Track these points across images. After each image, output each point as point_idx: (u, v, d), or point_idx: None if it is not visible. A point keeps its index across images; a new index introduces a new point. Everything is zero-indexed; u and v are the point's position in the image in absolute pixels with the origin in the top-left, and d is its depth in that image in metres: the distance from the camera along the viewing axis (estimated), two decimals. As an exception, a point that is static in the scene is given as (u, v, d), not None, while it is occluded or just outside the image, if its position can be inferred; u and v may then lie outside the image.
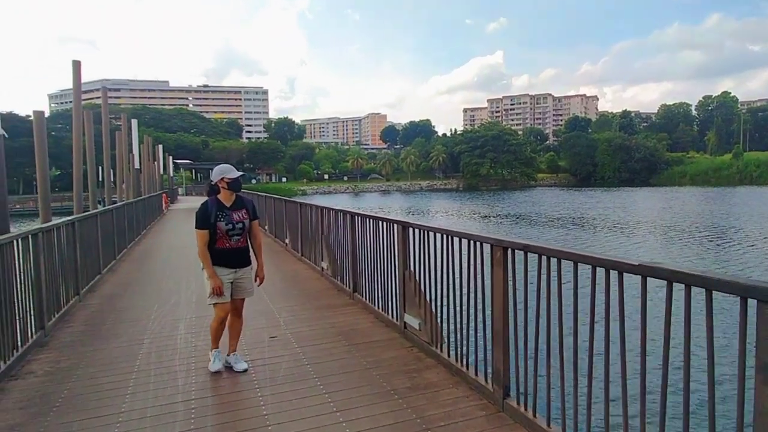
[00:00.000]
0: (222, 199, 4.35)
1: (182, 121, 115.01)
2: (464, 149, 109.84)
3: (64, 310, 6.39)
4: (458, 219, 42.45)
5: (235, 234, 4.28)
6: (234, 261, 4.34)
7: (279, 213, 12.62)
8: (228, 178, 4.33)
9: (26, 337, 5.13)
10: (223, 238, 4.26)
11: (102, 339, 5.46)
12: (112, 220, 10.25)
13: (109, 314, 6.47)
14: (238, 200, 4.40)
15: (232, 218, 4.29)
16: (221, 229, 4.24)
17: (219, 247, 4.27)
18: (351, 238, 6.77)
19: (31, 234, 5.47)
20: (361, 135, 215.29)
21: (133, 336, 5.51)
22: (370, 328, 5.54)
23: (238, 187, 4.41)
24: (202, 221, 4.24)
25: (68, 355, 5.02)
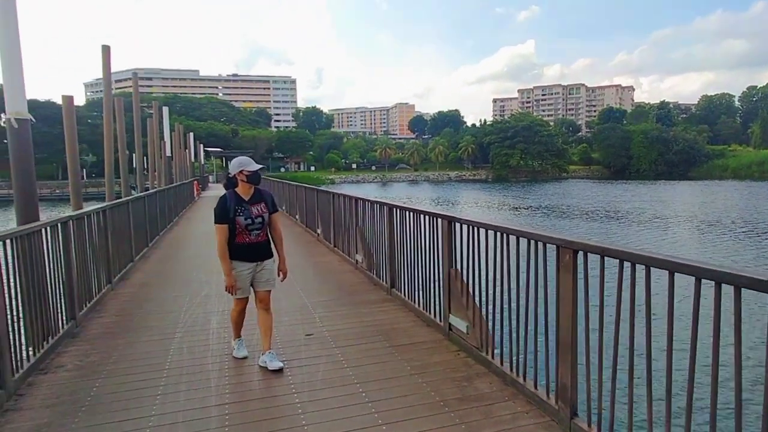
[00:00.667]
0: (240, 192, 4.23)
1: (212, 109, 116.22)
2: (494, 140, 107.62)
3: (96, 299, 6.24)
4: (488, 210, 41.73)
5: (254, 229, 4.18)
6: (254, 255, 4.24)
7: (310, 203, 12.37)
8: (247, 171, 4.20)
9: (57, 328, 4.97)
10: (242, 233, 4.16)
11: (133, 331, 5.27)
12: (144, 207, 10.14)
13: (141, 304, 6.29)
14: (256, 193, 4.29)
15: (251, 212, 4.18)
16: (240, 224, 4.13)
17: (239, 242, 4.18)
18: (389, 231, 6.43)
19: (61, 222, 5.30)
20: (389, 125, 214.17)
21: (164, 329, 5.30)
22: (412, 328, 5.20)
23: (257, 180, 4.27)
24: (221, 216, 4.13)
25: (99, 347, 4.83)
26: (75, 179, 7.59)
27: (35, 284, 4.59)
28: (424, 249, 5.36)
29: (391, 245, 6.38)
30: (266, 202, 4.30)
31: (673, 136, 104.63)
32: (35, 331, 4.61)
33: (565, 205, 44.74)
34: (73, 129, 7.29)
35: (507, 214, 38.42)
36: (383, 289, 6.59)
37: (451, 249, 4.77)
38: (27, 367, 4.20)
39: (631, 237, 25.43)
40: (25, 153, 5.58)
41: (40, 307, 4.67)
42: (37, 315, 4.60)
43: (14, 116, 5.43)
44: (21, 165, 5.55)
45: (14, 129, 5.44)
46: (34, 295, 4.61)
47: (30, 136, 5.57)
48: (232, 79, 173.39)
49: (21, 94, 5.55)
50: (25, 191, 5.55)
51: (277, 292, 6.64)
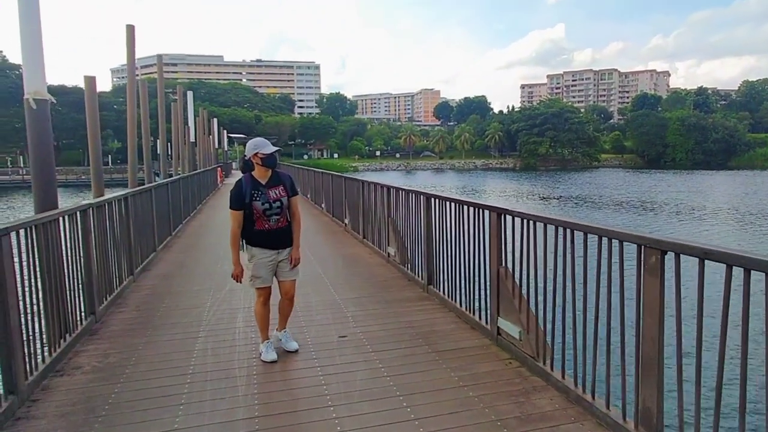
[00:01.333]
0: (257, 175, 4.03)
1: (236, 95, 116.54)
2: (522, 127, 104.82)
3: (117, 292, 5.94)
4: (516, 200, 40.85)
5: (273, 214, 3.99)
6: (275, 242, 4.05)
7: (337, 191, 11.96)
8: (262, 154, 3.98)
9: (75, 324, 4.67)
10: (260, 218, 3.97)
11: (155, 328, 4.93)
12: (167, 194, 9.86)
13: (163, 298, 5.97)
14: (274, 176, 4.07)
15: (268, 196, 3.97)
16: (257, 210, 3.94)
17: (258, 228, 4.00)
18: (426, 222, 5.98)
19: (80, 210, 4.97)
20: (414, 111, 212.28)
21: (187, 327, 4.96)
22: (454, 330, 4.75)
23: (274, 163, 4.05)
24: (236, 201, 3.97)
25: (118, 346, 4.51)
26: (96, 164, 7.24)
27: (53, 277, 4.28)
28: (468, 244, 4.89)
29: (429, 238, 5.93)
30: (285, 185, 4.07)
31: (712, 123, 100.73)
32: (52, 328, 4.32)
33: (597, 195, 43.38)
34: (95, 111, 6.95)
35: (536, 204, 37.49)
36: (419, 286, 6.15)
37: (501, 245, 4.30)
38: (42, 368, 3.89)
39: (671, 230, 24.47)
40: (43, 136, 5.25)
41: (58, 301, 4.36)
42: (54, 310, 4.30)
43: (33, 96, 5.08)
44: (39, 149, 5.22)
45: (33, 110, 5.10)
46: (52, 289, 4.30)
47: (49, 118, 5.24)
48: (256, 65, 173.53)
49: (41, 73, 5.19)
50: (43, 177, 5.23)
51: (306, 287, 6.30)
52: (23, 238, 3.84)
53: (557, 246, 3.50)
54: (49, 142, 5.21)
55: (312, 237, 10.32)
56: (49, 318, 4.29)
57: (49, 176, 5.23)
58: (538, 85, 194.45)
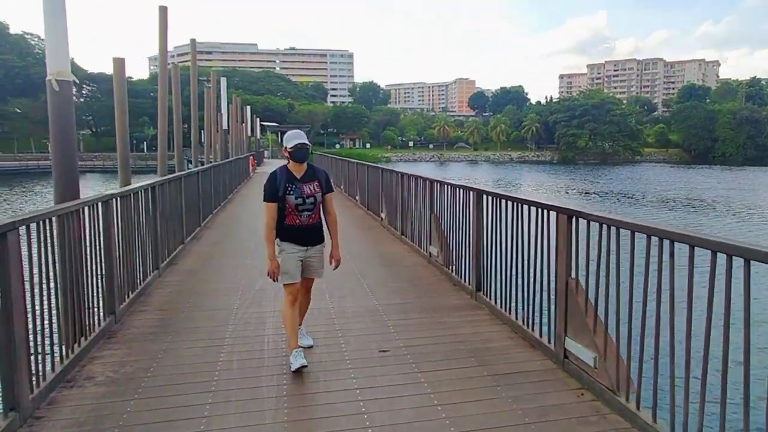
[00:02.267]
0: (292, 169, 3.89)
1: (269, 83, 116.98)
2: (560, 119, 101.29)
3: (140, 288, 5.55)
4: (552, 195, 39.58)
5: (305, 209, 3.85)
6: (305, 239, 3.91)
7: (373, 183, 11.41)
8: (289, 148, 3.86)
9: (93, 324, 4.27)
10: (292, 213, 3.84)
11: (177, 333, 4.50)
12: (197, 183, 9.48)
13: (188, 297, 5.55)
14: (309, 171, 3.94)
15: (302, 191, 3.83)
16: (290, 204, 3.81)
17: (288, 223, 3.87)
18: (476, 222, 5.38)
19: (101, 201, 4.57)
20: (448, 101, 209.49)
21: (212, 333, 4.51)
22: (510, 348, 4.15)
23: (301, 158, 3.88)
24: (270, 194, 3.84)
25: (136, 352, 4.09)
26: (123, 151, 6.79)
27: (70, 274, 3.89)
28: (526, 248, 4.30)
29: (479, 239, 5.33)
30: (320, 181, 3.94)
31: (766, 116, 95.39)
32: (67, 330, 3.94)
33: (640, 191, 41.46)
34: (124, 94, 6.54)
35: (575, 199, 36.18)
36: (466, 292, 5.56)
37: (570, 253, 3.69)
38: (51, 378, 3.49)
39: (724, 231, 23.10)
40: (66, 119, 4.84)
41: (75, 302, 3.98)
42: (70, 311, 3.92)
43: (56, 77, 4.67)
44: (61, 134, 4.82)
45: (55, 92, 4.70)
46: (68, 288, 3.89)
47: (72, 101, 4.85)
48: (289, 53, 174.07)
49: (64, 52, 4.78)
50: (64, 164, 4.82)
51: (342, 289, 5.79)
52: (41, 232, 3.45)
53: (649, 256, 2.88)
54: (71, 126, 4.81)
55: (346, 231, 9.80)
56: (64, 319, 3.92)
57: (70, 163, 4.83)
58: (577, 75, 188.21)
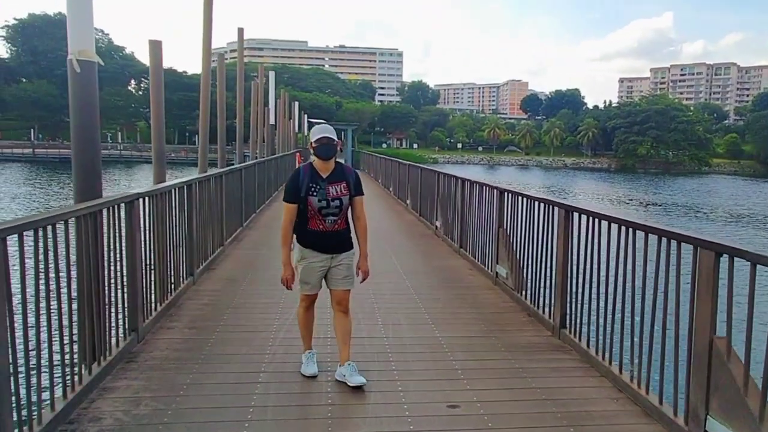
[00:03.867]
0: (317, 167, 3.47)
1: (318, 80, 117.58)
2: (620, 124, 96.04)
3: (171, 299, 4.91)
4: (612, 205, 37.47)
5: (330, 214, 3.42)
6: (330, 246, 3.49)
7: (427, 187, 10.55)
8: (313, 142, 3.42)
9: (109, 347, 3.64)
10: (315, 217, 3.42)
11: (206, 361, 3.80)
12: (240, 181, 8.86)
13: (223, 312, 4.87)
14: (338, 170, 3.51)
15: (327, 192, 3.41)
16: (313, 206, 3.40)
17: (311, 228, 3.45)
18: (562, 244, 4.46)
19: (125, 202, 3.94)
20: (499, 103, 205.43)
21: (246, 363, 3.79)
22: (619, 415, 3.19)
23: (326, 154, 3.43)
24: (291, 193, 3.44)
25: (156, 386, 3.41)
26: (158, 143, 6.04)
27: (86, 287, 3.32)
28: (641, 285, 3.37)
29: (565, 265, 4.41)
30: (348, 182, 3.50)
31: None
32: (79, 355, 3.32)
33: (708, 204, 38.52)
34: (159, 79, 5.92)
35: (636, 211, 34.04)
36: (546, 327, 4.63)
37: (716, 302, 2.75)
38: (49, 419, 2.83)
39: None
40: (88, 106, 4.17)
41: (90, 321, 3.36)
42: (84, 333, 3.32)
43: (77, 57, 4.03)
44: (82, 121, 4.15)
45: (77, 74, 4.05)
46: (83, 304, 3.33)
47: (96, 84, 4.20)
48: (339, 51, 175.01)
49: (88, 30, 4.14)
50: (85, 157, 4.15)
51: (396, 313, 4.96)
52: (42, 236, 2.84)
53: None
54: (94, 113, 4.16)
55: (397, 239, 9.02)
56: (79, 342, 3.30)
57: (92, 157, 4.18)
58: (639, 79, 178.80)
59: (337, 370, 3.53)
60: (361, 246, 3.62)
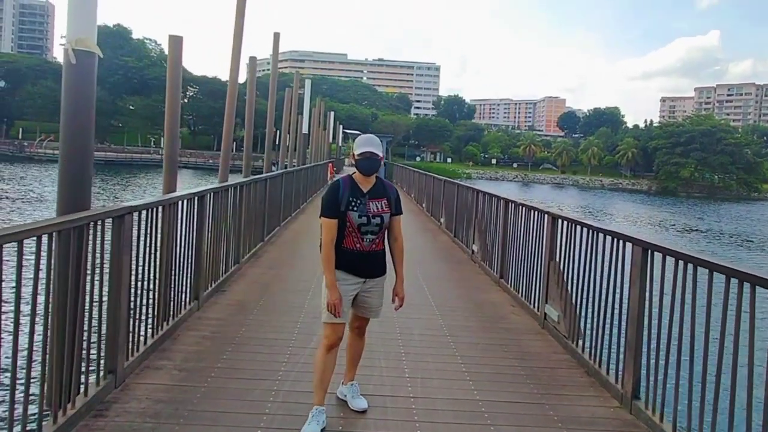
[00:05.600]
0: (358, 180, 3.20)
1: (355, 93, 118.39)
2: (662, 145, 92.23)
3: (166, 330, 4.26)
4: (648, 227, 35.82)
5: (369, 232, 3.13)
6: (365, 268, 3.18)
7: (464, 206, 9.73)
8: (357, 155, 3.14)
9: (77, 393, 2.98)
10: (353, 234, 3.13)
11: (187, 423, 3.08)
12: (264, 192, 8.19)
13: (223, 350, 4.16)
14: (378, 185, 3.24)
15: (367, 209, 3.14)
16: (352, 222, 3.11)
17: (347, 247, 3.15)
18: (638, 290, 3.61)
19: (114, 216, 3.34)
20: (535, 119, 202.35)
21: (237, 424, 3.06)
22: None
23: (368, 169, 3.16)
24: (330, 207, 3.12)
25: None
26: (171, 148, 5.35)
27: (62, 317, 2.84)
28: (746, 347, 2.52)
29: (639, 315, 3.56)
30: (389, 199, 3.24)
31: None
32: (39, 398, 2.75)
33: (757, 233, 36.39)
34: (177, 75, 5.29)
35: (679, 238, 32.20)
36: (613, 395, 3.71)
37: None
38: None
39: None
40: (83, 103, 3.55)
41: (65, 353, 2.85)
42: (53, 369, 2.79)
43: (74, 46, 3.42)
44: (75, 120, 3.53)
45: (71, 64, 3.45)
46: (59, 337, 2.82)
47: (94, 80, 3.60)
48: (377, 64, 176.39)
49: (90, 15, 3.55)
50: (73, 161, 3.51)
51: (425, 360, 4.09)
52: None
53: None
54: (89, 113, 3.54)
55: (429, 264, 8.21)
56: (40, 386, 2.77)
57: (82, 163, 3.53)
58: (682, 99, 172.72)
59: (339, 388, 3.40)
60: (398, 269, 3.36)
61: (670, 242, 4.01)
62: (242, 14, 7.87)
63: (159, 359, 3.86)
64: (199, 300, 5.06)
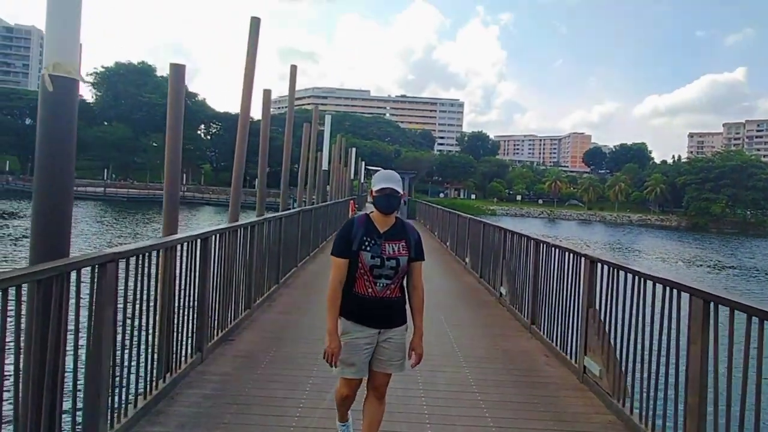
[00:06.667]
0: (375, 219, 2.90)
1: (378, 129, 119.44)
2: (691, 180, 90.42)
3: (162, 388, 3.84)
4: (682, 266, 34.40)
5: (383, 276, 2.80)
6: (378, 317, 2.83)
7: (490, 245, 9.23)
8: (375, 191, 2.88)
9: None
10: (364, 277, 2.80)
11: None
12: (278, 231, 7.84)
13: (223, 414, 3.72)
14: (398, 226, 2.92)
15: (382, 249, 2.81)
16: (363, 263, 2.79)
17: (358, 291, 2.82)
18: (700, 348, 3.09)
19: (98, 264, 3.00)
20: (560, 156, 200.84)
21: None
22: None
23: (386, 207, 2.86)
24: (341, 246, 2.84)
25: None
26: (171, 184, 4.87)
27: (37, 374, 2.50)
28: None
29: (702, 380, 3.03)
30: (408, 242, 2.91)
31: None
32: None
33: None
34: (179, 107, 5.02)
35: (710, 275, 30.86)
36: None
37: None
38: None
39: None
40: (60, 135, 3.04)
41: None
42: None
43: (51, 71, 3.05)
44: (51, 153, 3.02)
45: (48, 94, 3.07)
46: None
47: (75, 108, 3.21)
48: (400, 100, 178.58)
49: (71, 38, 3.10)
50: (48, 200, 3.04)
51: (455, 423, 3.62)
52: None
53: None
54: (68, 147, 3.17)
55: (454, 307, 7.69)
56: None
57: (61, 203, 3.13)
58: (710, 135, 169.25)
59: None
60: (416, 321, 3.00)
61: (736, 294, 3.49)
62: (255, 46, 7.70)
63: (151, 424, 3.44)
64: (202, 352, 4.66)
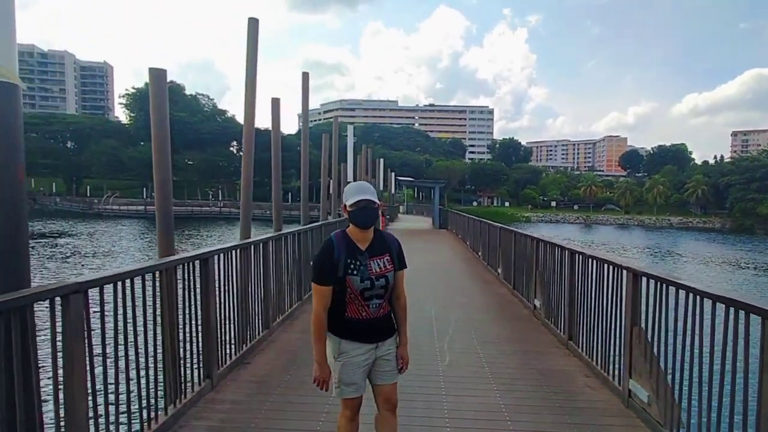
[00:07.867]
0: (353, 235, 2.69)
1: (407, 139, 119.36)
2: (735, 181, 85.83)
3: (165, 420, 3.54)
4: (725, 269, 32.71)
5: (374, 296, 2.66)
6: (374, 334, 2.73)
7: (523, 256, 8.71)
8: (349, 206, 2.64)
9: None
10: (355, 302, 2.65)
11: None
12: (296, 247, 7.51)
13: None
14: (377, 239, 2.73)
15: (369, 270, 2.64)
16: (353, 288, 2.62)
17: (351, 316, 2.66)
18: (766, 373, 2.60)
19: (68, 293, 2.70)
20: (595, 160, 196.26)
21: None
22: None
23: (364, 222, 2.65)
24: (324, 272, 2.61)
25: None
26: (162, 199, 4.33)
27: None
28: None
29: None
30: (392, 254, 2.74)
31: None
32: None
33: None
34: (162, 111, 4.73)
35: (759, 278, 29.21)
36: None
37: None
38: None
39: None
40: (6, 141, 2.79)
41: None
42: None
43: (-9, 77, 2.74)
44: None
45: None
46: None
47: (19, 113, 2.81)
48: (428, 110, 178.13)
49: (7, 43, 2.83)
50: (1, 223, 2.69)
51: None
52: None
53: None
54: (14, 160, 2.75)
55: (484, 322, 7.21)
56: None
57: (13, 227, 2.72)
58: (755, 132, 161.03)
59: None
60: (402, 331, 2.89)
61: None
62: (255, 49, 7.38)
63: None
64: (212, 378, 4.37)
